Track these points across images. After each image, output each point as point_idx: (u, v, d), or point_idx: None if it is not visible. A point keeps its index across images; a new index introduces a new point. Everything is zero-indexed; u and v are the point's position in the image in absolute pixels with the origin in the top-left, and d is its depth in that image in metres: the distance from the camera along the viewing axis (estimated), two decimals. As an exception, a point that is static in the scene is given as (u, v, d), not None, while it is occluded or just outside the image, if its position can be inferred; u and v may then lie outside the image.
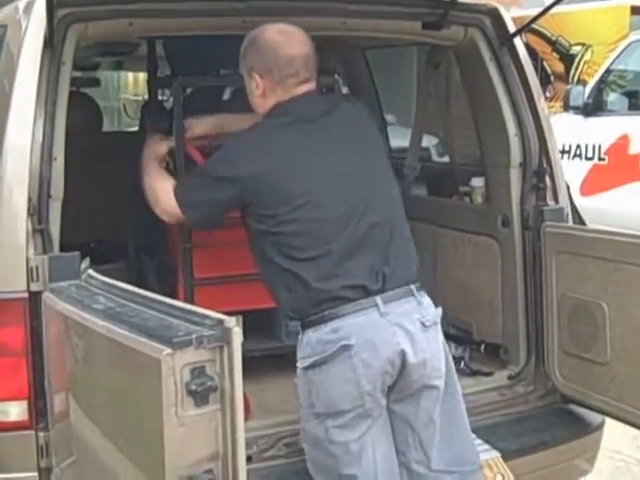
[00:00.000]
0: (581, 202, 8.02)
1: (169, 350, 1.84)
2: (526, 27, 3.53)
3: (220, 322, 1.89)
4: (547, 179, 3.37)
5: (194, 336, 1.86)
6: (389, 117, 5.66)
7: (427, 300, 2.69)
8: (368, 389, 2.55)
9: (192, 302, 3.38)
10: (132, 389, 2.04)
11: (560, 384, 3.26)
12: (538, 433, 3.17)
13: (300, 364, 2.60)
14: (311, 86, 2.74)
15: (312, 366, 2.56)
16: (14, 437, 2.58)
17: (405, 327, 2.58)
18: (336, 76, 3.79)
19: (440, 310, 2.72)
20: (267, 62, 2.68)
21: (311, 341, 2.57)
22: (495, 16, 3.34)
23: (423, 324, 2.62)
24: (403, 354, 2.56)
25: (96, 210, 4.32)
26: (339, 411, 2.56)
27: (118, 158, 4.26)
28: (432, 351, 2.63)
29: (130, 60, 6.47)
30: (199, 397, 1.86)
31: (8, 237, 2.56)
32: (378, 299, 2.57)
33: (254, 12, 2.98)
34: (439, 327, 2.71)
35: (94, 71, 7.04)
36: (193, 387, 1.85)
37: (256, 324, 3.58)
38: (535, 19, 3.47)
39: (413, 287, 2.65)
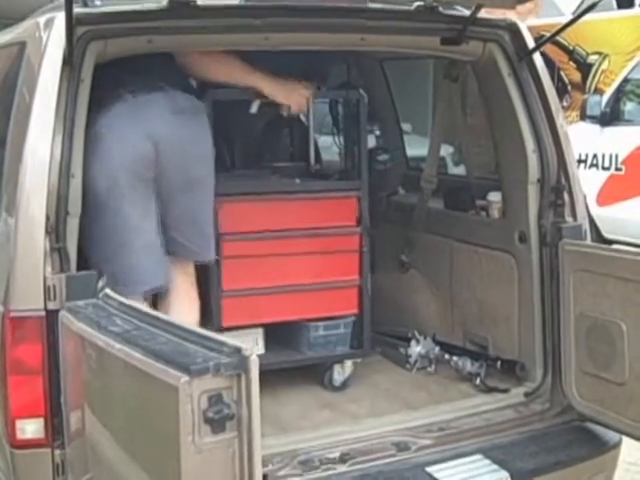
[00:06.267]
0: (597, 212, 7.98)
1: (187, 377, 1.84)
2: (545, 43, 3.51)
3: (237, 350, 1.89)
4: (565, 195, 3.35)
5: (212, 363, 1.86)
6: (405, 126, 5.63)
7: None
8: None
9: (219, 314, 3.41)
10: (148, 414, 2.03)
11: (577, 402, 3.22)
12: (554, 452, 3.13)
13: None
14: None
15: None
16: (30, 455, 2.58)
17: None
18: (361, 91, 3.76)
19: None
20: None
21: None
22: (514, 31, 3.33)
23: None
24: None
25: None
26: None
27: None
28: None
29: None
30: (216, 424, 1.86)
31: (26, 255, 2.56)
32: None
33: (272, 29, 2.98)
34: None
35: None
36: (210, 414, 1.85)
37: (278, 336, 3.59)
38: (555, 34, 3.44)
39: None
